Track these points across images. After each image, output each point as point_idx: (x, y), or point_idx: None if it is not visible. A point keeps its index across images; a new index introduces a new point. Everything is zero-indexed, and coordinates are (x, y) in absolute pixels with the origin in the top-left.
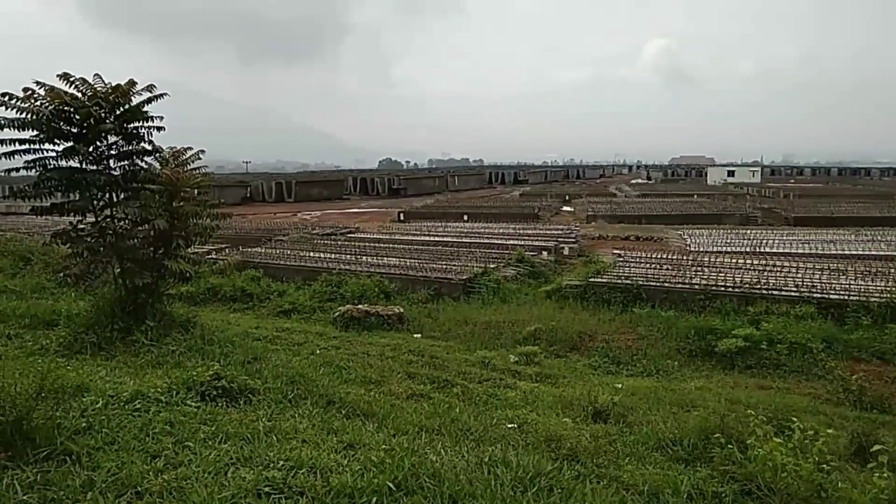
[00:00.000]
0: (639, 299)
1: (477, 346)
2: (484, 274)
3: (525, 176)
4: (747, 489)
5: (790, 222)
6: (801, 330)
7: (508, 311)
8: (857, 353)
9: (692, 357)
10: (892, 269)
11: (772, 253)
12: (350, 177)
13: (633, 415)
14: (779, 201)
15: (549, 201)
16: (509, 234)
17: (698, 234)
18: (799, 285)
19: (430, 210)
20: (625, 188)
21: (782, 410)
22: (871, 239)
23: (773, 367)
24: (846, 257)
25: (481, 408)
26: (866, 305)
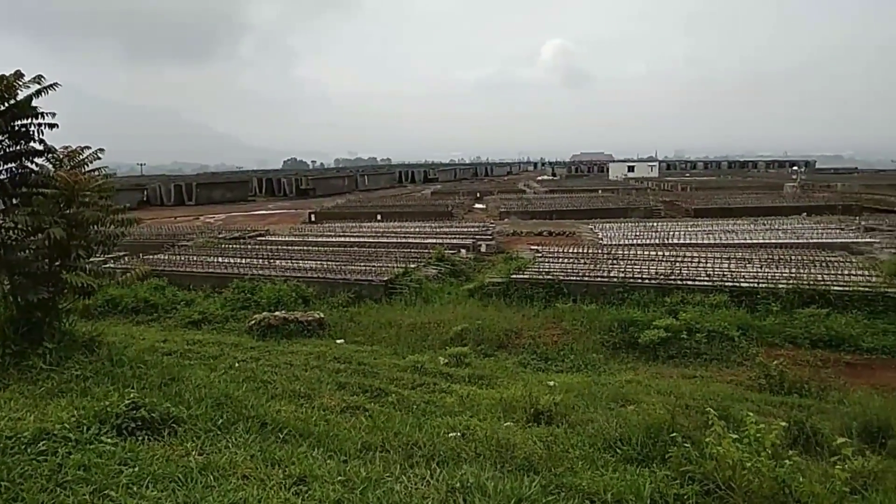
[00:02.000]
0: (561, 294)
1: (405, 350)
2: (405, 274)
3: (435, 174)
4: (708, 489)
5: (691, 214)
6: (717, 318)
7: (433, 312)
8: (770, 338)
9: (617, 349)
10: (792, 257)
11: (680, 244)
12: (255, 177)
13: (574, 414)
14: (678, 194)
15: (462, 199)
16: (426, 232)
17: (608, 227)
18: (711, 275)
19: (343, 210)
20: (533, 184)
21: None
22: (768, 228)
23: (694, 355)
24: (749, 246)
25: (421, 417)
26: (775, 292)
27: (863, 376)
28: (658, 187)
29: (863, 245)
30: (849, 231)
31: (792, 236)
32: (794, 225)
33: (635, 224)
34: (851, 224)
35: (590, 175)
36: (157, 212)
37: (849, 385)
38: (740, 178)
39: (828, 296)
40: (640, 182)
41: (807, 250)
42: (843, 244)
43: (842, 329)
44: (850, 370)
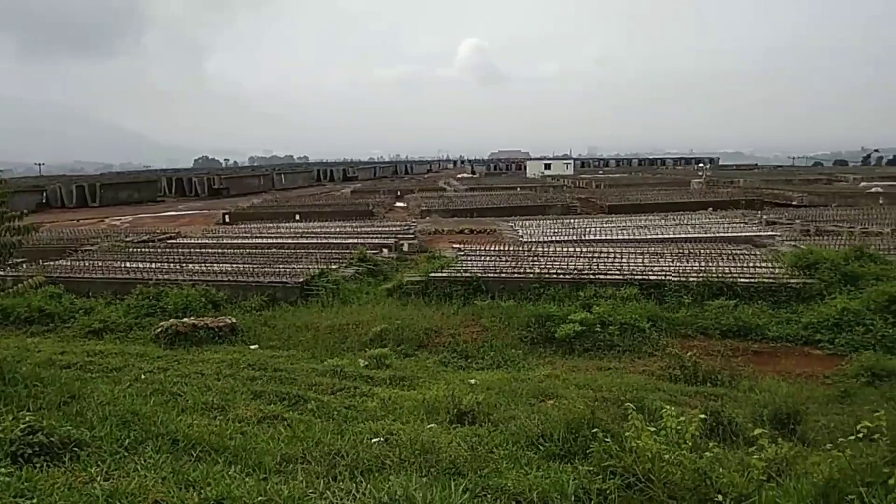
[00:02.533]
0: (479, 291)
1: (323, 353)
2: (321, 275)
3: (354, 172)
4: (629, 482)
5: (605, 210)
6: (628, 311)
7: (351, 313)
8: (683, 330)
9: (535, 344)
10: (701, 250)
11: (596, 240)
12: (164, 177)
13: (497, 412)
14: (592, 191)
15: (382, 197)
16: (347, 232)
17: (528, 224)
18: (623, 269)
19: (259, 210)
20: (453, 182)
21: (632, 391)
22: (678, 223)
23: (608, 347)
24: (660, 241)
25: (342, 423)
26: (686, 285)
27: (769, 364)
28: (573, 185)
29: (765, 238)
30: (752, 225)
31: (700, 231)
32: (701, 220)
33: (553, 221)
34: (754, 218)
35: (508, 173)
36: (57, 215)
37: (757, 373)
38: (650, 176)
39: (735, 287)
40: (557, 180)
41: (714, 244)
42: (747, 237)
43: (749, 319)
44: (758, 358)
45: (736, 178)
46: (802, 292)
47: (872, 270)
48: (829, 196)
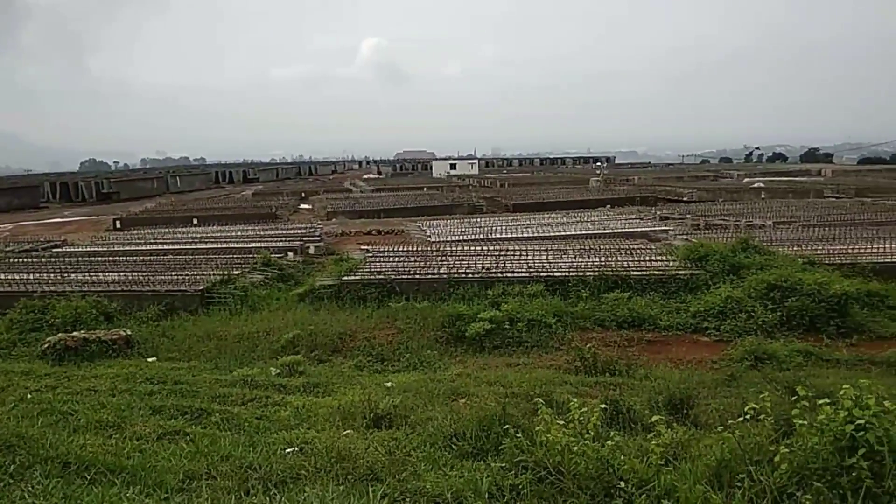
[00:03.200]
0: (393, 293)
1: (231, 363)
2: (227, 282)
3: (255, 174)
4: (540, 476)
5: (510, 209)
6: (535, 307)
7: (261, 320)
8: (582, 323)
9: (448, 344)
10: (601, 246)
11: (502, 238)
12: (46, 181)
13: (414, 414)
14: (497, 190)
15: (286, 199)
16: (249, 236)
17: (435, 224)
18: (529, 266)
19: (153, 215)
20: (359, 183)
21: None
22: (579, 220)
23: (517, 344)
24: (563, 238)
25: (254, 435)
26: (584, 280)
27: (662, 352)
28: (479, 184)
29: (659, 233)
30: (647, 220)
31: (599, 227)
32: (600, 216)
33: (460, 220)
34: (649, 214)
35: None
36: None
37: (652, 361)
38: (552, 174)
39: (629, 280)
40: (463, 179)
41: (613, 239)
42: (643, 232)
43: (643, 310)
44: (652, 347)
45: (631, 176)
46: (690, 283)
47: (756, 261)
48: (716, 192)
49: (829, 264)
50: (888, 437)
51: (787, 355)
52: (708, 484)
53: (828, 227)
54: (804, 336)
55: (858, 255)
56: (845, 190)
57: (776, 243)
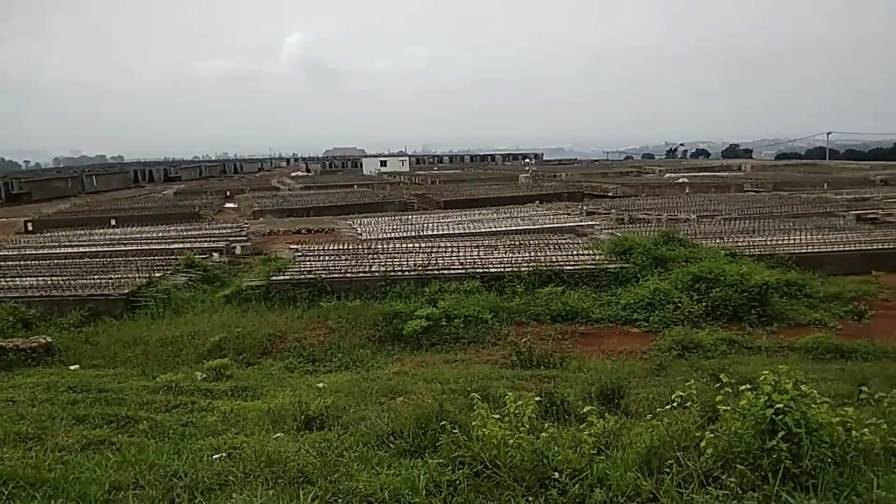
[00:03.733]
0: (324, 292)
1: (155, 369)
2: (150, 285)
3: (177, 172)
4: (477, 471)
5: (442, 206)
6: (471, 303)
7: (186, 324)
8: (518, 317)
9: (383, 343)
10: (531, 241)
11: (434, 235)
12: None
13: (347, 414)
14: (429, 187)
15: (210, 198)
16: (172, 237)
17: (366, 222)
18: (463, 263)
19: (68, 217)
20: (287, 181)
21: (477, 381)
22: (509, 216)
23: (454, 340)
24: (494, 234)
25: (179, 442)
26: (519, 275)
27: (595, 344)
28: (410, 181)
29: (586, 227)
30: (574, 215)
31: (529, 223)
32: (529, 212)
33: (392, 218)
34: (576, 209)
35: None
36: None
37: (585, 353)
38: (482, 171)
39: (562, 275)
40: (393, 176)
41: (542, 234)
42: (570, 227)
43: (575, 303)
44: (585, 339)
45: (559, 173)
46: (620, 276)
47: (681, 253)
48: (639, 187)
49: (749, 255)
50: (805, 419)
51: (713, 344)
52: (638, 471)
53: (748, 219)
54: (728, 325)
55: (776, 246)
56: (764, 184)
57: (700, 236)
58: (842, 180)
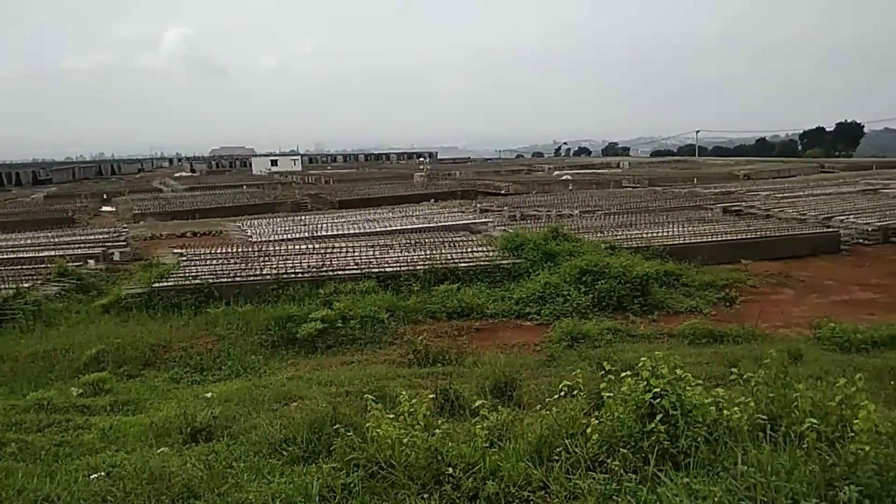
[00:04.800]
0: (212, 298)
1: (25, 387)
2: (17, 296)
3: (48, 174)
4: (372, 472)
5: (336, 206)
6: (368, 304)
7: (59, 337)
8: (415, 316)
9: (276, 348)
10: (426, 240)
11: (329, 236)
12: None
13: (237, 423)
14: (322, 187)
15: (85, 202)
16: (42, 244)
17: (257, 224)
18: (359, 263)
19: None
20: (170, 182)
21: (374, 382)
22: (405, 215)
23: (351, 342)
24: (390, 233)
25: (52, 463)
26: (415, 274)
27: (490, 338)
28: (303, 180)
29: (480, 225)
30: (469, 213)
31: (424, 221)
32: (424, 211)
33: (284, 219)
34: (470, 207)
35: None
36: None
37: (480, 348)
38: (377, 170)
39: (457, 272)
40: (285, 176)
41: (437, 233)
42: (465, 225)
43: (471, 300)
44: (480, 334)
45: (453, 171)
46: (513, 271)
47: (567, 248)
48: (529, 184)
49: (628, 248)
50: (681, 401)
51: (599, 333)
52: (530, 460)
53: (626, 214)
54: (613, 315)
55: (652, 238)
56: (640, 180)
57: (583, 231)
58: (710, 175)
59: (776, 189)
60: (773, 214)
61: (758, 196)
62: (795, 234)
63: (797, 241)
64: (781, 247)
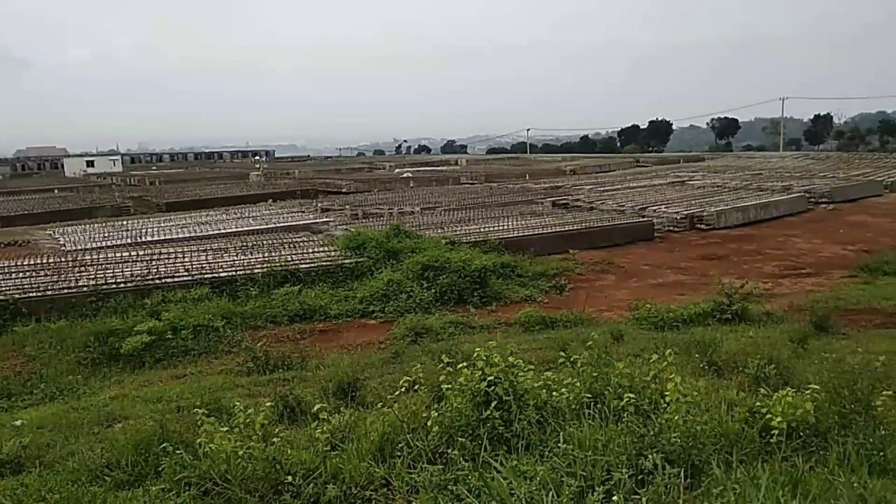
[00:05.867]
0: (19, 315)
1: None
2: None
3: None
4: (206, 489)
5: (163, 208)
6: (201, 312)
7: None
8: (254, 322)
9: (98, 366)
10: (265, 242)
11: (155, 241)
12: None
13: (52, 452)
14: (147, 189)
15: None
16: None
17: (71, 231)
18: (190, 269)
19: None
20: None
21: (209, 394)
22: (240, 216)
23: (183, 353)
24: (224, 235)
25: None
26: (252, 277)
27: (334, 340)
28: (124, 182)
29: (321, 224)
30: (309, 213)
31: (262, 222)
32: (262, 211)
33: (103, 224)
34: (311, 206)
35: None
36: None
37: (324, 350)
38: (208, 170)
39: (298, 274)
40: (103, 178)
41: (276, 234)
42: (305, 225)
43: (313, 301)
44: (324, 336)
45: (292, 170)
46: (356, 270)
47: (409, 245)
48: (371, 182)
49: (467, 243)
50: (514, 387)
51: (442, 327)
52: (372, 459)
53: (465, 209)
54: (455, 308)
55: (489, 232)
56: (477, 177)
57: (424, 227)
58: (540, 171)
59: (598, 183)
60: (597, 206)
61: (583, 190)
62: (616, 225)
63: (617, 231)
64: (604, 236)
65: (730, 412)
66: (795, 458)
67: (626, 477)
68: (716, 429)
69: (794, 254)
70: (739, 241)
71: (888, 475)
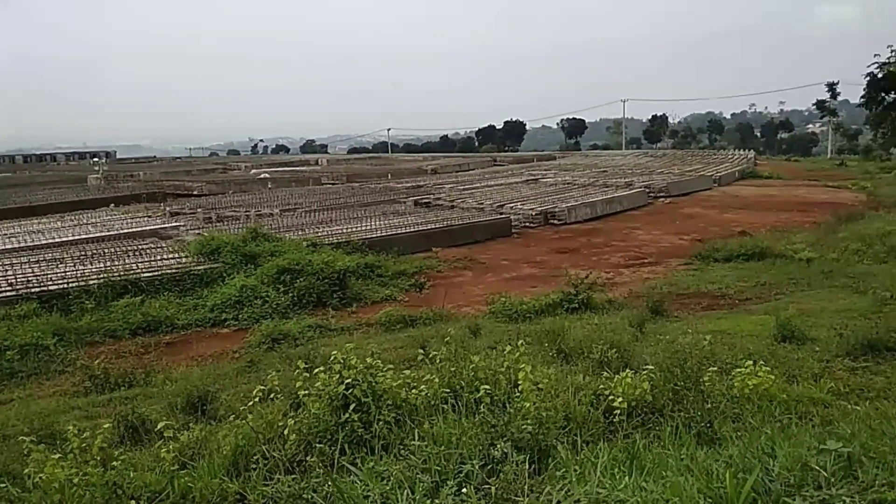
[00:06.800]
0: None
1: None
2: None
3: None
4: None
5: None
6: (28, 330)
7: None
8: (90, 337)
9: None
10: (106, 250)
11: None
12: None
13: None
14: None
15: None
16: None
17: None
18: (14, 283)
19: None
20: None
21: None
22: (77, 223)
23: (8, 377)
24: (59, 245)
25: None
26: (87, 289)
27: (183, 352)
28: None
29: (170, 229)
30: (156, 218)
31: (103, 229)
32: (103, 217)
33: None
34: (158, 210)
35: None
36: None
37: (172, 364)
38: (40, 173)
39: (140, 283)
40: None
41: (119, 241)
42: (152, 231)
43: (158, 312)
44: (171, 349)
45: (136, 172)
46: (206, 277)
47: (268, 248)
48: (226, 184)
49: (329, 244)
50: (372, 388)
51: (301, 332)
52: (225, 474)
53: (327, 210)
54: (314, 311)
55: (352, 233)
56: (339, 177)
57: (284, 230)
58: (402, 171)
59: (459, 182)
60: (458, 205)
61: (444, 189)
62: (476, 222)
63: (477, 228)
64: (465, 233)
65: (576, 396)
66: (636, 434)
67: (478, 468)
68: (564, 413)
69: (637, 245)
70: (589, 234)
71: (714, 444)
